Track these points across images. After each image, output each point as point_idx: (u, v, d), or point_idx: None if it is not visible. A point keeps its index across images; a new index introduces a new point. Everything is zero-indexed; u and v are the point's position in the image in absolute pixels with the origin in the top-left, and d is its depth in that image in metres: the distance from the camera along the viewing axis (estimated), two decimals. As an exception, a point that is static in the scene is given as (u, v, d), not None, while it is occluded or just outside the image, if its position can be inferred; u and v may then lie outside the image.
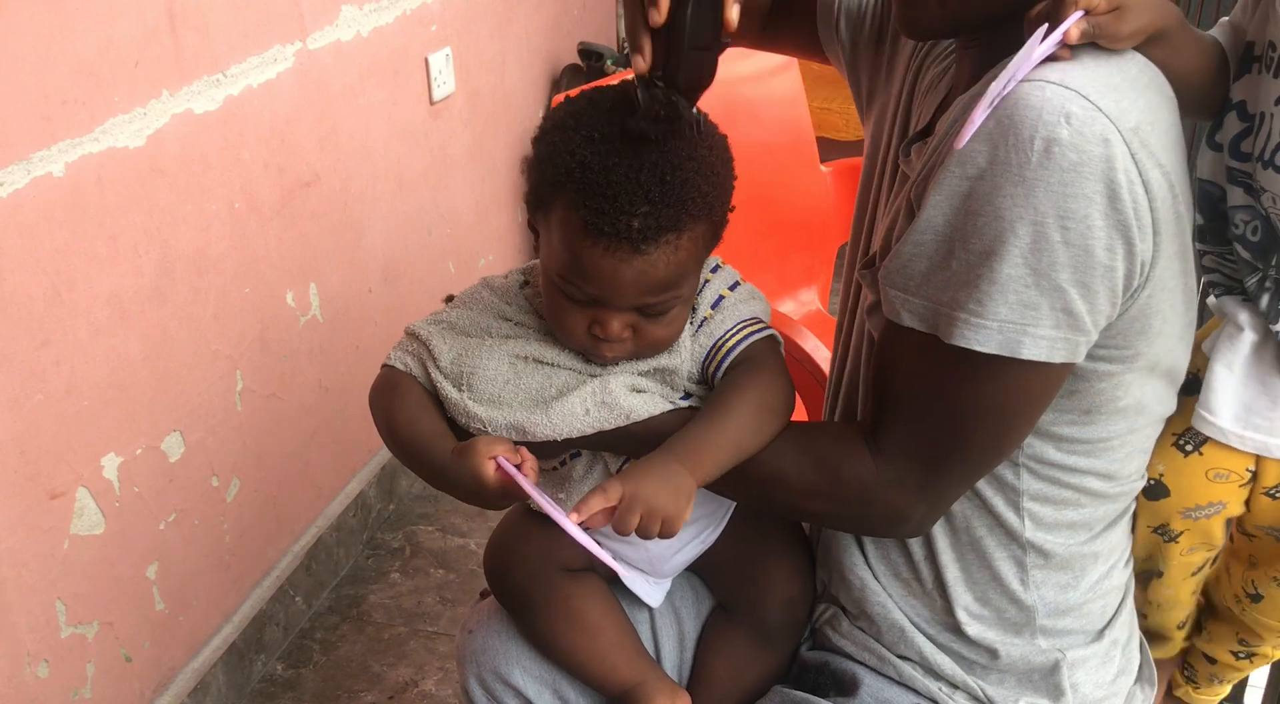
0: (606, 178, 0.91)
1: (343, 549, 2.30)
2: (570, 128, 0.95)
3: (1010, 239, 0.84)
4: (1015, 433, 0.95)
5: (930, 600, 1.06)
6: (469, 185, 2.70)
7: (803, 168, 2.42)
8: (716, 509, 1.14)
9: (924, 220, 0.89)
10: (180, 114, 1.70)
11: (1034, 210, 0.83)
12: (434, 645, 2.11)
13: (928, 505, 0.98)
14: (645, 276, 0.94)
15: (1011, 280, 0.85)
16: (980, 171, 0.85)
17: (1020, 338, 0.87)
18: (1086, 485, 1.01)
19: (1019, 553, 1.03)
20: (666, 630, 1.20)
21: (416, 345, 1.06)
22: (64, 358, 1.55)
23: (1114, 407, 0.97)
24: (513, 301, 1.07)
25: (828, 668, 1.13)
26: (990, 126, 0.84)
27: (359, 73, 2.18)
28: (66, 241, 1.53)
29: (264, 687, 2.03)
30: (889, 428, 0.96)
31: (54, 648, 1.60)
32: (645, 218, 0.91)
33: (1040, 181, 0.83)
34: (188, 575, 1.85)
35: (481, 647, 1.18)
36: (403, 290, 2.42)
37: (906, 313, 0.91)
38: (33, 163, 1.46)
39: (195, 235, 1.77)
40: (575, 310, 0.98)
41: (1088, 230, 0.84)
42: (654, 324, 0.98)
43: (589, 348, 1.00)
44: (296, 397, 2.09)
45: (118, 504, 1.68)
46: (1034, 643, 1.05)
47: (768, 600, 1.15)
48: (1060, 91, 0.83)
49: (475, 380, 1.01)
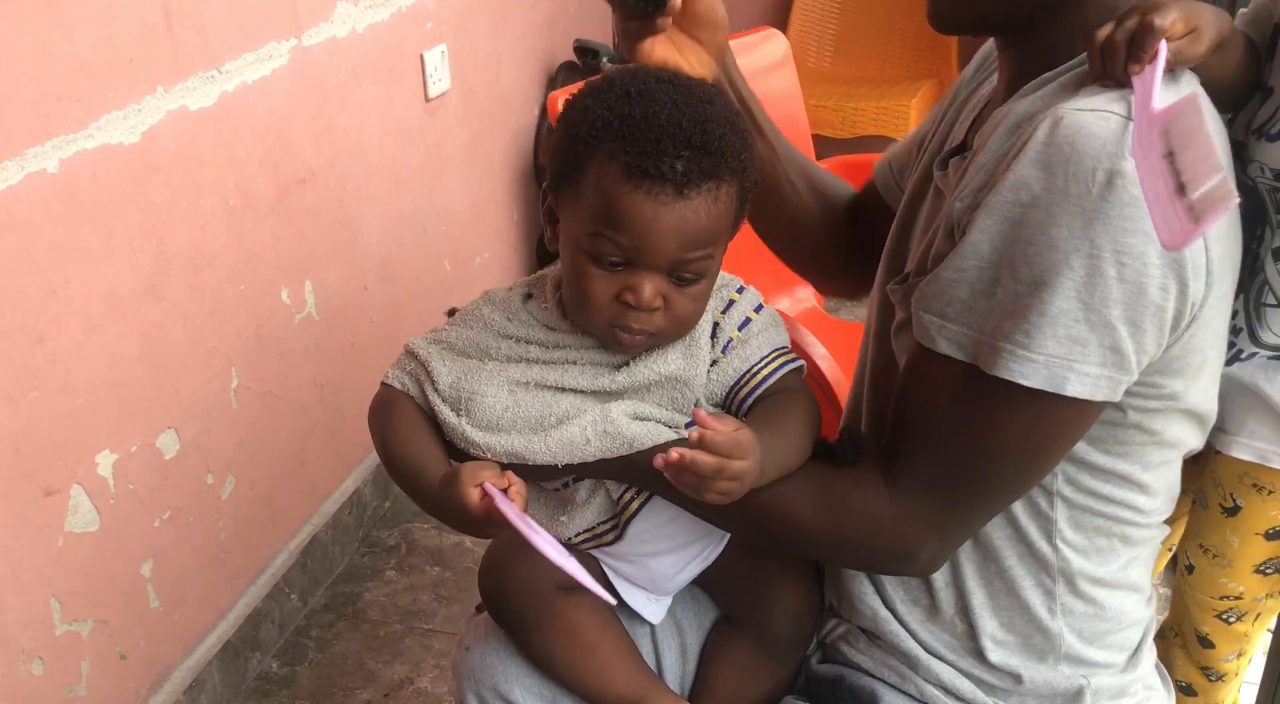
0: (648, 123, 0.91)
1: (338, 547, 2.29)
2: (602, 91, 0.96)
3: (1064, 271, 0.82)
4: (1039, 470, 0.93)
5: (952, 626, 1.04)
6: (465, 183, 2.70)
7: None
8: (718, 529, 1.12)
9: (969, 245, 0.86)
10: (175, 111, 1.70)
11: (1090, 244, 0.81)
12: (429, 643, 2.11)
13: (938, 543, 0.95)
14: (685, 224, 0.92)
15: (1063, 314, 0.83)
16: (1035, 199, 0.82)
17: (1066, 374, 0.84)
18: (1119, 515, 0.99)
19: (1048, 582, 1.00)
20: (668, 642, 1.18)
21: (415, 365, 1.05)
22: (59, 355, 1.54)
23: (1149, 440, 0.95)
24: (515, 317, 1.05)
25: (844, 682, 1.11)
26: (1049, 152, 0.82)
27: (354, 70, 2.17)
28: (61, 238, 1.52)
29: (259, 684, 2.03)
30: (908, 458, 0.93)
31: (49, 645, 1.59)
32: (688, 161, 0.91)
33: (1099, 214, 0.80)
34: (183, 573, 1.85)
35: (480, 664, 1.16)
36: (398, 288, 2.42)
37: (944, 340, 0.89)
38: (27, 159, 1.46)
39: (190, 232, 1.76)
40: (604, 279, 0.95)
41: (1143, 268, 0.82)
42: (683, 295, 0.96)
43: (616, 321, 0.97)
44: (292, 394, 2.09)
45: (112, 501, 1.67)
46: (1058, 669, 1.04)
47: (775, 615, 1.13)
48: (1123, 123, 0.81)
49: (474, 406, 1.00)
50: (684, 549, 1.10)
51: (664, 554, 1.10)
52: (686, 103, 0.93)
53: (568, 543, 1.07)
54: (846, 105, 3.31)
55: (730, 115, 0.96)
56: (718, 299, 1.04)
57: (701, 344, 1.02)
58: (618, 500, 1.05)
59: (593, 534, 1.07)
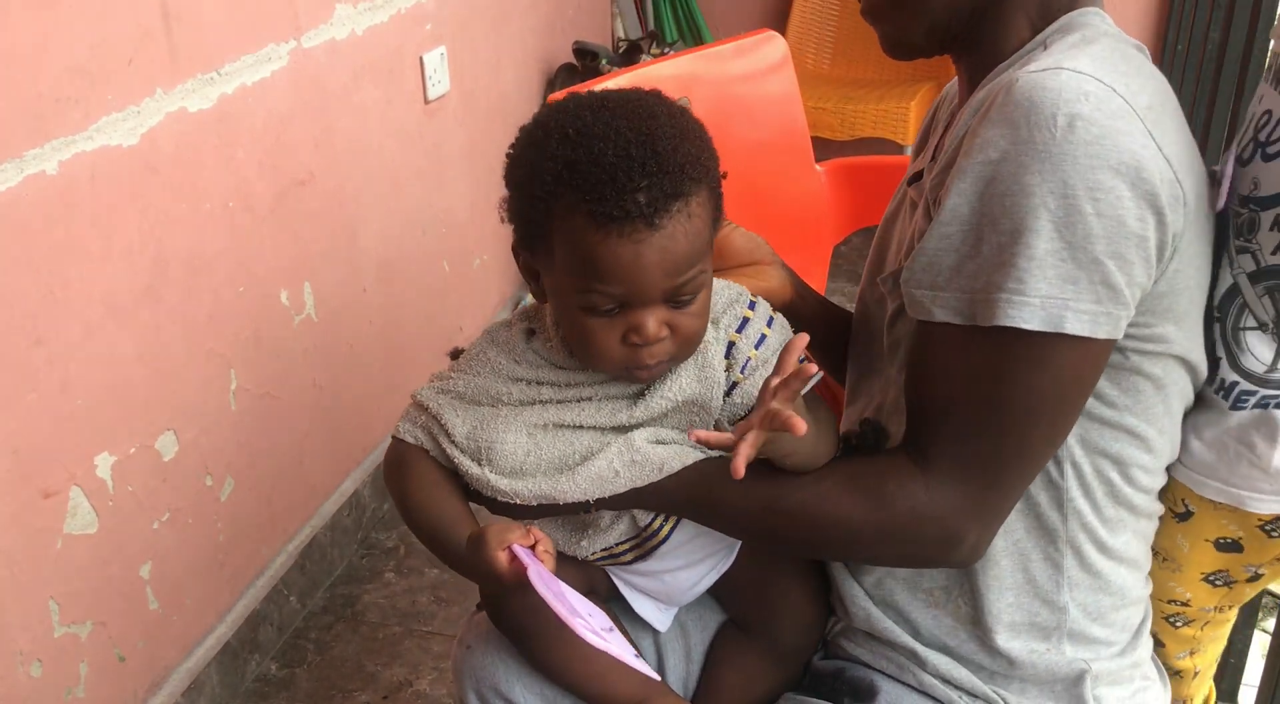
0: (597, 164, 0.89)
1: (337, 549, 2.29)
2: (539, 140, 0.93)
3: (1042, 214, 0.84)
4: (1062, 422, 0.93)
5: (955, 608, 1.04)
6: (464, 185, 2.70)
7: (797, 167, 2.42)
8: (734, 542, 1.11)
9: (948, 211, 0.88)
10: (174, 112, 1.70)
11: (1063, 184, 0.84)
12: (428, 645, 2.11)
13: (982, 524, 0.94)
14: (668, 254, 0.90)
15: (1049, 255, 0.85)
16: (1003, 154, 0.85)
17: (1063, 313, 0.86)
18: (1127, 474, 1.00)
19: (1056, 555, 1.01)
20: (672, 645, 1.18)
21: (426, 418, 1.04)
22: (57, 357, 1.54)
23: (1149, 385, 0.96)
24: (522, 358, 1.03)
25: (843, 674, 1.11)
26: (1007, 112, 0.85)
27: (353, 72, 2.17)
28: (60, 240, 1.52)
29: (258, 686, 2.03)
30: (934, 439, 0.93)
31: (47, 647, 1.59)
32: (649, 190, 0.89)
33: (1066, 156, 0.83)
34: (181, 575, 1.85)
35: (481, 663, 1.16)
36: (397, 290, 2.42)
37: (939, 309, 0.90)
38: (26, 160, 1.46)
39: (189, 234, 1.76)
40: (605, 327, 0.94)
41: (1118, 201, 0.84)
42: (684, 315, 0.95)
43: (629, 363, 0.96)
44: (291, 396, 2.09)
45: (111, 503, 1.67)
46: (1060, 650, 1.04)
47: (783, 623, 1.13)
48: (1074, 75, 0.85)
49: (494, 454, 0.99)
50: (701, 564, 1.10)
51: (682, 570, 1.09)
52: (628, 128, 0.90)
53: (587, 560, 1.07)
54: (845, 107, 3.31)
55: (675, 119, 0.94)
56: (730, 317, 1.03)
57: (715, 365, 1.00)
58: (645, 527, 1.04)
59: (610, 554, 1.07)
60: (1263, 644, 1.75)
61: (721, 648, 1.17)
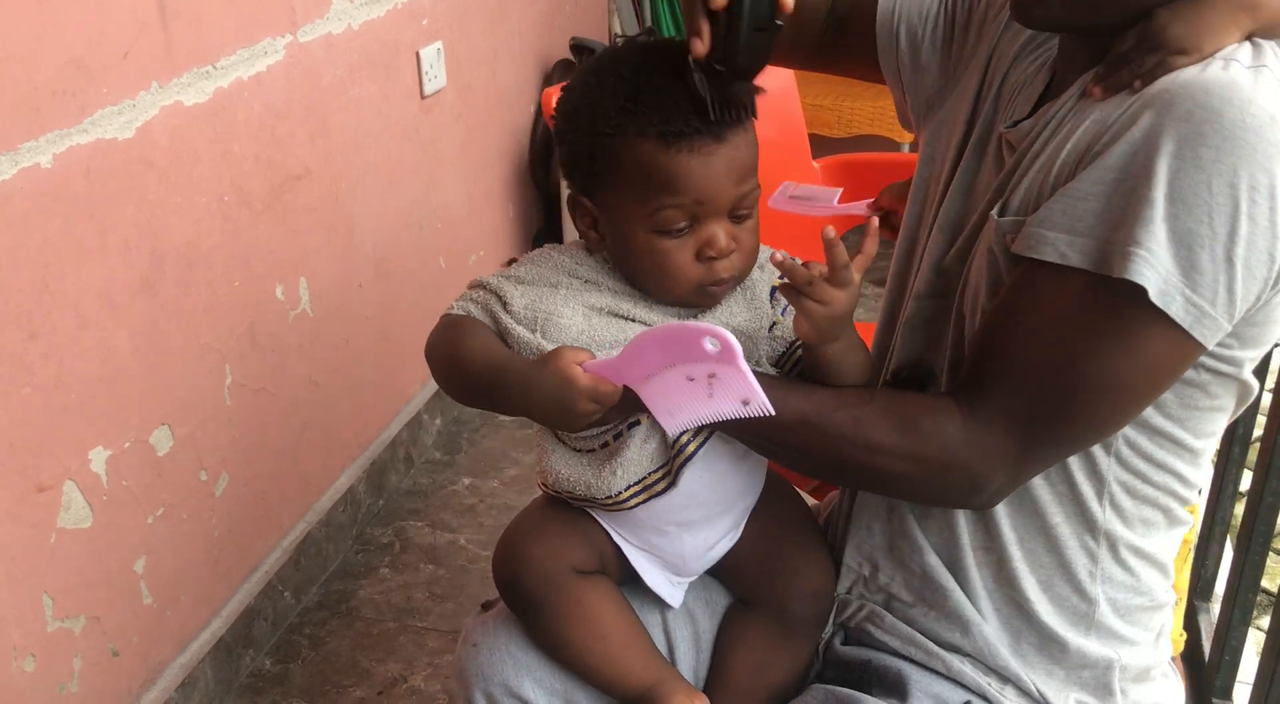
0: (661, 91, 0.95)
1: (332, 544, 2.29)
2: (594, 86, 0.99)
3: (1201, 190, 0.83)
4: (1125, 411, 0.93)
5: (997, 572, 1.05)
6: (460, 181, 2.69)
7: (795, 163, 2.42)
8: (750, 505, 1.13)
9: (1113, 156, 0.86)
10: (170, 106, 1.70)
11: (1232, 170, 0.82)
12: (423, 641, 2.10)
13: (1009, 476, 0.95)
14: (734, 163, 0.97)
15: (1189, 234, 0.83)
16: (1187, 115, 0.83)
17: (1176, 295, 0.85)
18: (1168, 485, 1.01)
19: (1092, 544, 1.02)
20: (681, 631, 1.18)
21: (484, 294, 1.05)
22: (52, 351, 1.54)
23: (1210, 404, 0.96)
24: (584, 263, 1.06)
25: (870, 665, 1.11)
26: (1204, 82, 0.84)
27: (349, 66, 2.17)
28: (55, 233, 1.52)
29: (252, 681, 2.03)
30: (990, 387, 0.93)
31: (41, 642, 1.59)
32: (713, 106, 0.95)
33: (1247, 144, 0.82)
34: (176, 570, 1.85)
35: (489, 660, 1.14)
36: (393, 285, 2.42)
37: (1073, 252, 0.88)
38: (20, 153, 1.45)
39: (185, 228, 1.76)
40: (678, 247, 0.99)
41: (1272, 210, 0.83)
42: (744, 230, 1.01)
43: (704, 280, 1.00)
44: (286, 391, 2.08)
45: (105, 498, 1.67)
46: (1089, 638, 1.05)
47: (792, 592, 1.13)
48: (1275, 78, 0.84)
49: (549, 327, 1.00)
50: (719, 520, 1.11)
51: (699, 524, 1.10)
52: (677, 58, 0.96)
53: (619, 499, 1.06)
54: (843, 104, 3.31)
55: None
56: (771, 268, 1.08)
57: (763, 299, 1.06)
58: (673, 444, 1.04)
59: (644, 485, 1.06)
60: (1258, 641, 1.76)
61: (730, 629, 1.17)
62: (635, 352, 0.89)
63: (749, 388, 0.85)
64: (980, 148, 1.09)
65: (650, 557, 1.13)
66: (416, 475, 2.58)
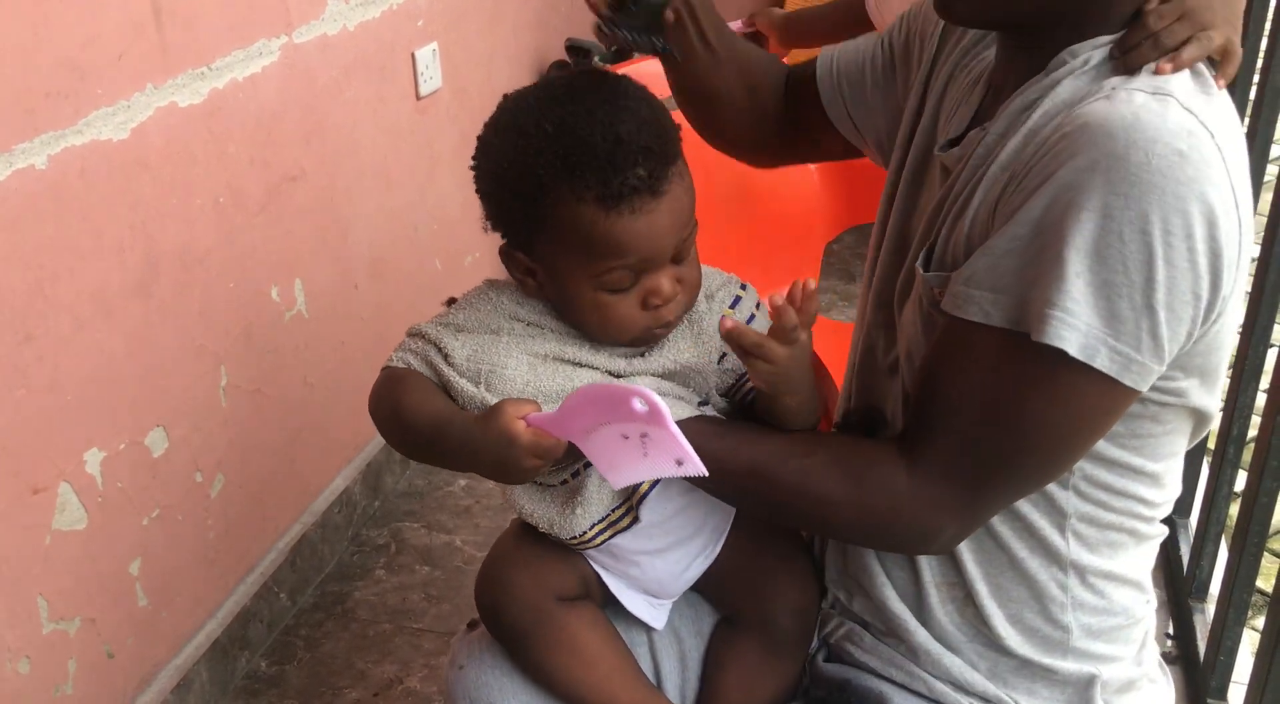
0: (591, 151, 0.91)
1: (328, 546, 2.29)
2: (517, 144, 0.96)
3: (1113, 240, 0.82)
4: (1067, 455, 0.92)
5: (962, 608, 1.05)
6: (456, 182, 2.69)
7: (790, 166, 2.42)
8: (720, 523, 1.12)
9: (1024, 214, 0.85)
10: (164, 107, 1.69)
11: (1143, 216, 0.81)
12: (419, 642, 2.10)
13: (960, 525, 0.94)
14: (675, 215, 0.96)
15: (1106, 285, 0.83)
16: (1092, 165, 0.82)
17: (1099, 347, 0.84)
18: (1131, 509, 1.00)
19: (1060, 575, 1.01)
20: (666, 652, 1.17)
21: (423, 345, 1.03)
22: (47, 353, 1.54)
23: (1161, 431, 0.96)
24: (525, 303, 1.04)
25: (850, 685, 1.10)
26: (1108, 124, 0.82)
27: (345, 67, 2.17)
28: (49, 235, 1.52)
29: (248, 683, 2.02)
30: (931, 438, 0.92)
31: (35, 644, 1.59)
32: (646, 162, 0.93)
33: (1155, 187, 0.81)
34: (171, 571, 1.84)
35: (475, 682, 1.13)
36: (389, 287, 2.41)
37: (995, 310, 0.87)
38: (14, 155, 1.45)
39: (180, 230, 1.76)
40: (622, 300, 0.98)
41: (1189, 253, 0.82)
42: (687, 267, 1.00)
43: (650, 325, 0.99)
44: (281, 393, 2.08)
45: (100, 500, 1.67)
46: (1066, 661, 1.04)
47: (777, 609, 1.13)
48: (1181, 110, 0.83)
49: (494, 380, 0.98)
50: (689, 543, 1.10)
51: (669, 550, 1.09)
52: (604, 111, 0.93)
53: (585, 539, 1.06)
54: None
55: (633, 89, 0.98)
56: (724, 294, 1.07)
57: (710, 332, 1.03)
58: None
59: (608, 522, 1.06)
60: (1252, 641, 1.76)
61: (717, 650, 1.16)
62: (572, 408, 0.88)
63: (680, 450, 0.84)
64: (920, 169, 1.09)
65: (629, 581, 1.12)
66: (412, 477, 2.58)
